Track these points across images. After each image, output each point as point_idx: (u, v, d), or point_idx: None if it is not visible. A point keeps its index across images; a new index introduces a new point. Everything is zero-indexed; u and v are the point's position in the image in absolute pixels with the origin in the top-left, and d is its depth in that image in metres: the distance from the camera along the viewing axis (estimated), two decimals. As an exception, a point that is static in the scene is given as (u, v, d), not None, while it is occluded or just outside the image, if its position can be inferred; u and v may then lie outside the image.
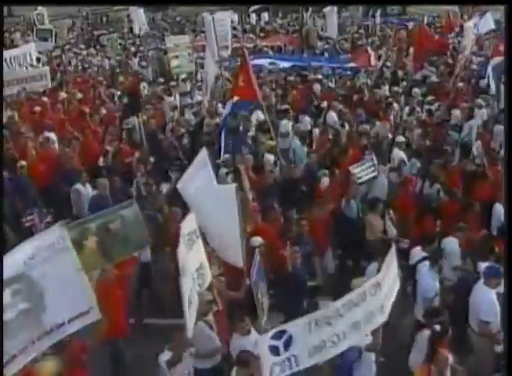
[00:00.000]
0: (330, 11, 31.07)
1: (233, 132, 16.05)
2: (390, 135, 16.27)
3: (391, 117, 18.14)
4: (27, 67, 25.33)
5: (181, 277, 7.51)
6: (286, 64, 23.58)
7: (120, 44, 33.42)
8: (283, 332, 6.64)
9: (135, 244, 9.72)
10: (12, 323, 6.93)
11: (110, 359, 9.49)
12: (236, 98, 14.97)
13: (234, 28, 34.22)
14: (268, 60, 23.60)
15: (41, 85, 20.23)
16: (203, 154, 9.99)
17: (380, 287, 7.19)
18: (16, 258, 7.07)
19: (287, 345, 6.63)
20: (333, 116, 18.16)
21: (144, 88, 22.63)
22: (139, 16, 34.80)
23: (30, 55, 26.54)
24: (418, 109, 18.65)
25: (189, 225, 8.06)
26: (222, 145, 15.06)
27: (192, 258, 7.98)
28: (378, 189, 13.00)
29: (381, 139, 15.94)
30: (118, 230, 9.25)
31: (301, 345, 6.70)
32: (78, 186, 14.02)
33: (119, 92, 22.13)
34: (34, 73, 20.42)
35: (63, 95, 20.71)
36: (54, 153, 15.95)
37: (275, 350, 6.59)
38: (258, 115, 17.26)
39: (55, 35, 30.29)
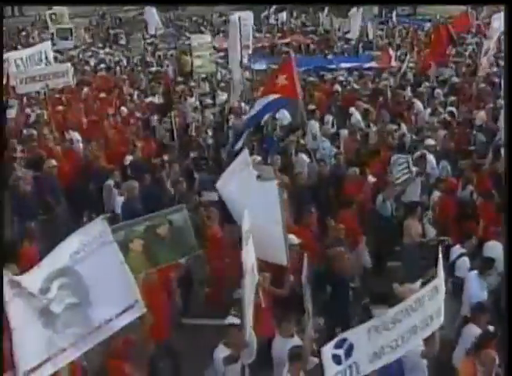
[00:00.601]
0: (355, 13, 30.97)
1: (258, 132, 16.01)
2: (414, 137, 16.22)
3: (414, 118, 18.08)
4: (47, 64, 25.69)
5: (244, 276, 7.49)
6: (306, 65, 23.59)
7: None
8: (343, 340, 6.59)
9: (183, 250, 9.62)
10: (59, 317, 6.93)
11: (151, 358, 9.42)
12: (274, 96, 14.88)
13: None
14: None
15: (63, 82, 20.20)
16: (245, 154, 9.95)
17: (437, 291, 7.19)
18: (63, 251, 7.10)
19: (348, 353, 6.60)
20: (357, 116, 18.15)
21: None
22: (153, 17, 34.73)
23: (45, 53, 26.93)
24: (441, 110, 18.58)
25: (247, 221, 8.02)
26: (240, 143, 14.96)
27: (250, 256, 7.97)
28: (413, 192, 12.94)
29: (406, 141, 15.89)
30: (166, 235, 9.19)
31: (362, 352, 6.68)
32: (110, 182, 13.98)
33: (137, 92, 22.16)
34: (56, 69, 20.35)
35: (85, 93, 20.65)
36: (79, 152, 16.01)
37: (337, 359, 6.56)
38: (285, 115, 17.20)
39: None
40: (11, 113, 17.87)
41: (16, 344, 6.73)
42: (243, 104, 19.18)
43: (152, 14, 34.63)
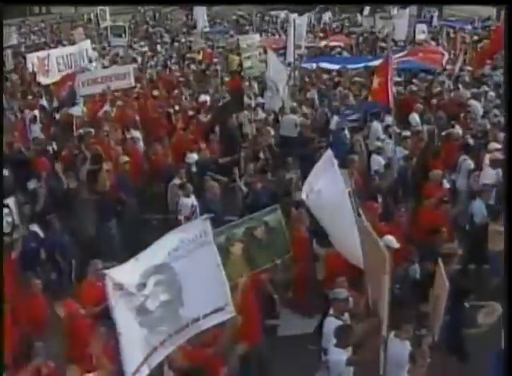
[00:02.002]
0: (402, 13, 30.73)
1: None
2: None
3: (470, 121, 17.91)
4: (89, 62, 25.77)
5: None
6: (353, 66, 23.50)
7: (178, 41, 33.46)
8: None
9: (278, 252, 9.57)
10: (152, 314, 6.91)
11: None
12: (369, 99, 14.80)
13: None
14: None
15: (125, 84, 20.18)
16: (329, 155, 9.86)
17: None
18: (161, 248, 7.08)
19: None
20: (415, 117, 18.02)
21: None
22: (202, 14, 34.73)
23: (86, 51, 27.05)
24: (497, 112, 18.37)
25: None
26: None
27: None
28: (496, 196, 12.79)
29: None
30: (262, 237, 9.12)
31: None
32: (176, 181, 13.87)
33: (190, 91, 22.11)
34: (118, 71, 20.35)
35: (150, 92, 20.72)
36: (140, 151, 15.98)
37: None
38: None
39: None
40: (77, 110, 17.82)
41: (123, 349, 6.66)
42: (294, 103, 19.10)
43: (201, 12, 34.61)
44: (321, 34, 34.44)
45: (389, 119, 17.49)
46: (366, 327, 8.25)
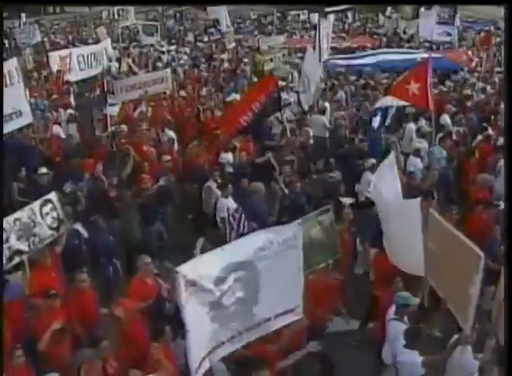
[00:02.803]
0: (428, 13, 30.57)
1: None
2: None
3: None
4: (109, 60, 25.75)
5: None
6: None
7: (201, 40, 33.43)
8: None
9: (330, 252, 9.58)
10: (226, 309, 6.99)
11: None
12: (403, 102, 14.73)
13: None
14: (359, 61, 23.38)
15: (162, 88, 20.02)
16: (392, 157, 9.87)
17: None
18: (247, 245, 7.17)
19: None
20: (446, 119, 17.95)
21: (244, 88, 22.44)
22: (225, 14, 34.64)
23: (106, 51, 27.10)
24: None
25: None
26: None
27: None
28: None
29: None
30: (318, 237, 9.14)
31: None
32: (210, 183, 13.87)
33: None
34: (155, 76, 20.24)
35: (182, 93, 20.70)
36: (175, 151, 15.97)
37: None
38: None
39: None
40: (114, 110, 17.84)
41: (190, 346, 6.75)
42: (326, 104, 19.15)
43: (223, 12, 34.53)
44: (344, 35, 34.35)
45: (422, 120, 17.64)
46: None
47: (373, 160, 13.47)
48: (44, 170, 14.20)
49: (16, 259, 9.75)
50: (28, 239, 9.92)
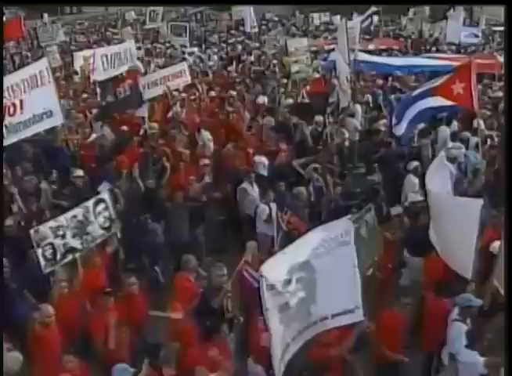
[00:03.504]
0: (457, 14, 30.28)
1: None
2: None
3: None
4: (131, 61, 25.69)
5: None
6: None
7: (225, 41, 33.31)
8: None
9: (376, 250, 9.57)
10: (290, 310, 7.00)
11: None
12: (447, 102, 14.58)
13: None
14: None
15: (182, 81, 19.92)
16: (442, 156, 9.75)
17: None
18: (305, 245, 7.21)
19: None
20: (479, 123, 17.73)
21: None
22: (251, 15, 34.52)
23: (130, 51, 27.02)
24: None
25: None
26: None
27: None
28: None
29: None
30: (365, 235, 9.09)
31: None
32: (245, 185, 13.82)
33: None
34: (174, 70, 20.18)
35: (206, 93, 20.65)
36: (209, 152, 15.87)
37: None
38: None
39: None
40: (143, 111, 17.78)
41: (273, 349, 6.87)
42: (358, 105, 19.07)
43: (249, 12, 34.42)
44: (368, 37, 34.08)
45: (455, 123, 17.49)
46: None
47: (416, 163, 13.36)
48: (80, 172, 14.21)
49: (69, 257, 9.80)
50: (82, 237, 9.97)
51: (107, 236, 10.60)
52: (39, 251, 9.39)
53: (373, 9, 29.73)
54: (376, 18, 36.52)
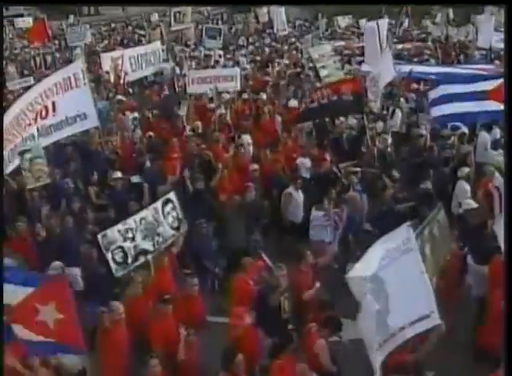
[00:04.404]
0: (487, 18, 29.94)
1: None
2: None
3: None
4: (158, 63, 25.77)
5: None
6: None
7: (252, 44, 33.24)
8: None
9: (446, 251, 9.52)
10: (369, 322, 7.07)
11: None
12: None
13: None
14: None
15: (231, 86, 19.96)
16: None
17: None
18: (372, 258, 7.25)
19: None
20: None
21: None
22: (281, 16, 34.35)
23: (158, 52, 27.04)
24: None
25: None
26: None
27: None
28: None
29: None
30: (438, 235, 9.05)
31: None
32: (291, 190, 13.71)
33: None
34: (225, 73, 20.13)
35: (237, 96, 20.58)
36: (249, 156, 15.82)
37: None
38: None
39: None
40: (182, 110, 17.75)
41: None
42: (397, 110, 18.72)
43: (279, 13, 34.26)
44: (394, 40, 33.87)
45: (497, 130, 17.29)
46: None
47: (467, 169, 13.23)
48: (119, 174, 14.18)
49: (141, 259, 9.83)
50: (153, 238, 10.02)
51: (177, 237, 10.63)
52: (109, 255, 9.45)
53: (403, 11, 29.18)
54: (406, 21, 36.41)
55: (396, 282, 7.19)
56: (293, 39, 34.16)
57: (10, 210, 12.91)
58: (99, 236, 9.52)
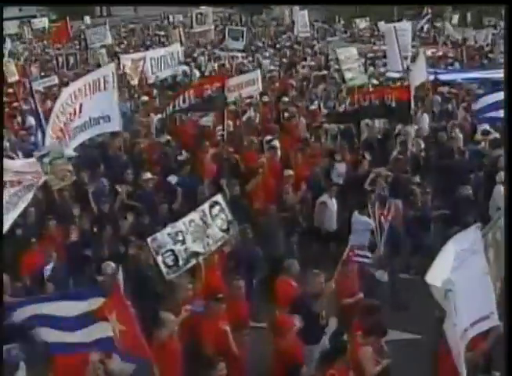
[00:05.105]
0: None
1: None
2: None
3: None
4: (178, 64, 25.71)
5: None
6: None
7: (274, 46, 33.20)
8: None
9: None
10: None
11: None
12: None
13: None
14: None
15: (253, 90, 19.79)
16: None
17: None
18: (445, 262, 7.11)
19: None
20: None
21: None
22: (302, 18, 34.26)
23: (178, 54, 27.04)
24: None
25: None
26: None
27: None
28: None
29: None
30: (500, 240, 8.88)
31: None
32: (325, 198, 13.52)
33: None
34: (247, 78, 19.95)
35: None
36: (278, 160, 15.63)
37: None
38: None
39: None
40: (208, 120, 17.72)
41: None
42: (425, 115, 18.59)
43: (301, 15, 34.16)
44: (415, 44, 33.68)
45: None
46: None
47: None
48: (149, 175, 14.13)
49: (193, 261, 9.77)
50: (203, 240, 9.97)
51: (227, 238, 10.58)
52: (159, 259, 9.39)
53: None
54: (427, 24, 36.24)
55: (463, 283, 7.10)
56: (314, 42, 34.03)
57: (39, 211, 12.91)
58: (149, 240, 9.47)
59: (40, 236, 11.95)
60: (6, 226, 10.91)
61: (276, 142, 16.04)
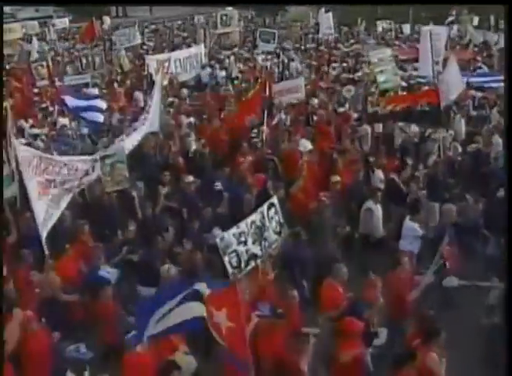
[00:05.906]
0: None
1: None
2: None
3: None
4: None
5: None
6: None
7: (298, 49, 33.14)
8: None
9: None
10: None
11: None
12: None
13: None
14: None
15: (296, 97, 19.69)
16: None
17: None
18: None
19: None
20: None
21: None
22: (326, 20, 34.20)
23: (200, 56, 27.07)
24: None
25: None
26: None
27: None
28: None
29: None
30: None
31: None
32: (370, 205, 13.38)
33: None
34: (290, 85, 19.95)
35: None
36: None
37: None
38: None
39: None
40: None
41: None
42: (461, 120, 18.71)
43: (325, 17, 34.09)
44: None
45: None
46: None
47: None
48: (191, 178, 14.15)
49: (252, 264, 9.72)
50: (260, 243, 9.92)
51: (280, 242, 10.54)
52: (226, 259, 9.30)
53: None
54: (455, 27, 35.83)
55: None
56: (339, 44, 33.96)
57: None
58: (218, 240, 9.38)
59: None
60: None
61: (308, 144, 16.04)
